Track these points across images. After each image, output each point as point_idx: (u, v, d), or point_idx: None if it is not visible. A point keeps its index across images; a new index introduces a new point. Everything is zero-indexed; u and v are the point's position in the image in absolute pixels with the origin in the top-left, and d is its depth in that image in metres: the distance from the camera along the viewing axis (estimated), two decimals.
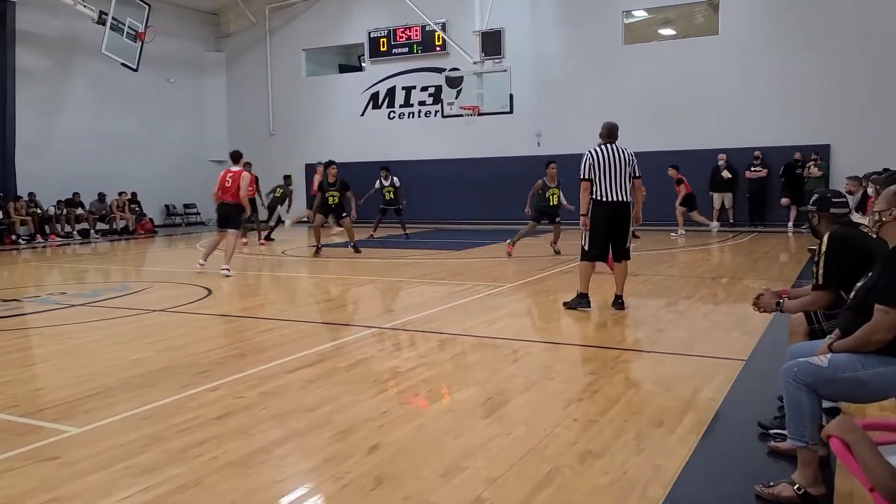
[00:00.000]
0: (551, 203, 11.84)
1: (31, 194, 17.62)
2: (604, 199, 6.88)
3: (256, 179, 13.50)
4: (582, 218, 7.03)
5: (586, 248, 7.08)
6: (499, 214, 18.18)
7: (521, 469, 3.29)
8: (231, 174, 10.52)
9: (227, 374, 5.00)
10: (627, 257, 7.13)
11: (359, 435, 3.77)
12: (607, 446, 3.56)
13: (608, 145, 6.96)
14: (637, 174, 7.03)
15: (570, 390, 4.50)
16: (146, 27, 18.07)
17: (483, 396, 4.46)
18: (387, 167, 16.29)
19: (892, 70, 15.12)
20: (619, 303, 7.08)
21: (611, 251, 7.16)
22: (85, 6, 16.78)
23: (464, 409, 4.22)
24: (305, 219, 15.95)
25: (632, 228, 7.16)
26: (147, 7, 18.17)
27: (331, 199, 12.64)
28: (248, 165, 11.78)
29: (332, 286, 9.82)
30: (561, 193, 11.99)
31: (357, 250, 12.72)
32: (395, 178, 15.93)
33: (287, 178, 16.81)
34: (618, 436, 3.72)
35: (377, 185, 16.05)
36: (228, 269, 10.23)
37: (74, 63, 19.33)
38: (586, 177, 6.92)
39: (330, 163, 13.61)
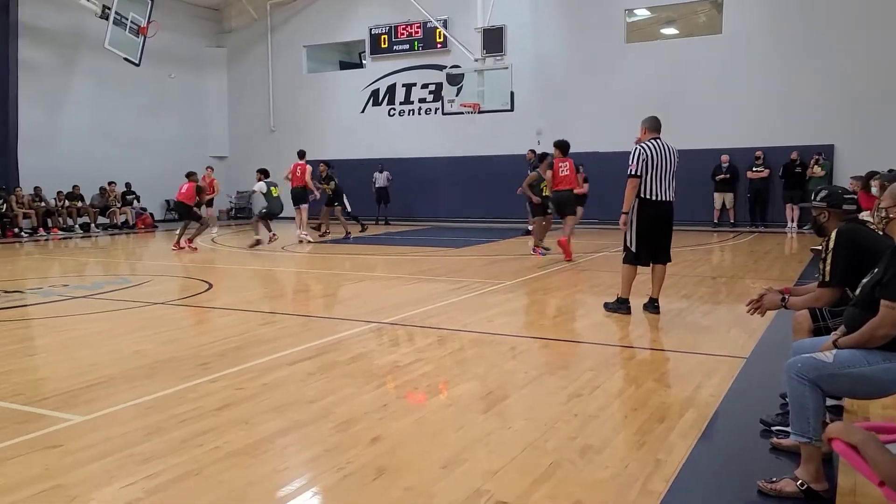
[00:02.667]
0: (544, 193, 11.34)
1: (36, 188, 17.63)
2: (652, 197, 6.50)
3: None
4: (623, 216, 6.67)
5: (633, 249, 6.64)
6: (498, 213, 18.21)
7: (522, 462, 3.30)
8: (300, 166, 14.23)
9: (227, 366, 5.01)
10: (668, 259, 6.81)
11: (360, 427, 3.77)
12: (608, 441, 3.57)
13: (658, 140, 6.58)
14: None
15: (570, 386, 4.50)
16: (149, 22, 18.09)
17: (482, 391, 4.46)
18: (328, 162, 15.52)
19: None
20: (654, 306, 6.74)
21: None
22: (88, 0, 16.77)
23: (463, 403, 4.23)
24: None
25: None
26: (150, 2, 18.18)
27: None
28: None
29: (331, 281, 9.82)
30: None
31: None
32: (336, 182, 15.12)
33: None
34: (618, 431, 3.73)
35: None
36: (306, 234, 14.10)
37: (77, 57, 19.31)
38: (637, 173, 6.47)
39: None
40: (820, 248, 3.57)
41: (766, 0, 16.42)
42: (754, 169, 16.23)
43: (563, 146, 10.66)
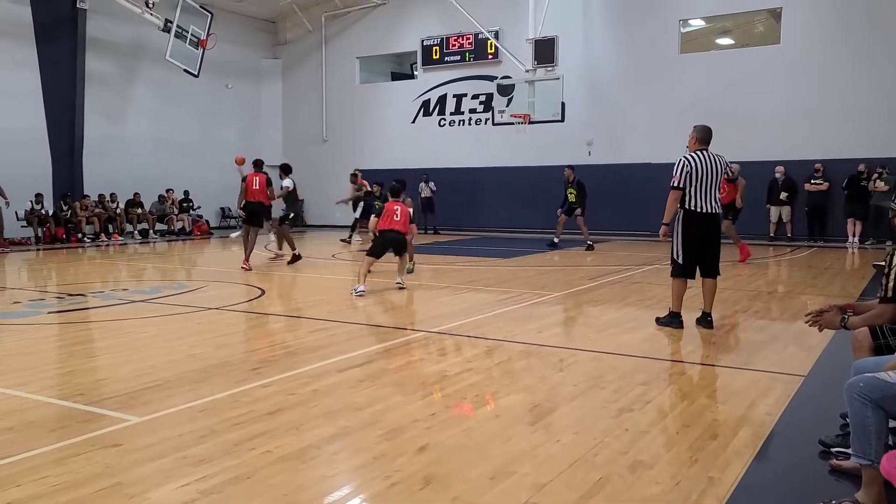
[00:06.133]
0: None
1: (101, 196, 18.36)
2: (697, 209, 6.42)
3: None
4: (663, 227, 6.65)
5: (679, 261, 6.55)
6: (547, 223, 18.05)
7: (571, 476, 3.26)
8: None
9: (279, 372, 5.11)
10: (717, 273, 6.68)
11: (408, 435, 3.80)
12: (658, 457, 3.50)
13: (704, 152, 6.49)
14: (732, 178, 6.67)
15: (621, 400, 4.43)
16: (208, 34, 18.66)
17: (530, 403, 4.44)
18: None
19: None
20: (706, 320, 6.61)
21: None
22: (152, 14, 17.42)
23: (511, 415, 4.21)
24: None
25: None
26: (209, 15, 18.77)
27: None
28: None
29: (380, 290, 9.89)
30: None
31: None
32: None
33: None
34: (670, 447, 3.66)
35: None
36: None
37: (140, 69, 20.08)
38: (680, 185, 6.41)
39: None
40: (883, 263, 3.45)
41: (827, 10, 15.96)
42: (813, 182, 15.74)
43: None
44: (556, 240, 15.29)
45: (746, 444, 3.66)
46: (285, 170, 13.26)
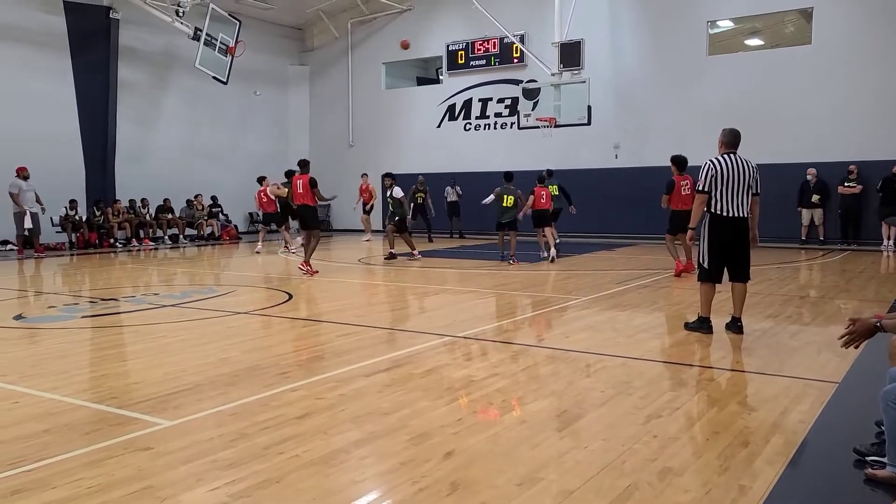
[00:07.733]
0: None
1: (132, 201, 18.71)
2: (724, 213, 6.35)
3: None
4: (690, 232, 6.63)
5: (706, 265, 6.51)
6: (574, 227, 17.99)
7: (599, 483, 3.24)
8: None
9: (307, 376, 5.15)
10: (747, 278, 6.59)
11: (434, 440, 3.80)
12: (688, 464, 3.46)
13: (731, 155, 6.41)
14: (757, 191, 6.47)
15: (649, 406, 4.39)
16: (236, 42, 18.95)
17: (558, 408, 4.42)
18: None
19: None
20: (737, 326, 6.55)
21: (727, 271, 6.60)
22: (182, 23, 17.74)
23: (538, 421, 4.19)
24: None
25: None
26: (238, 23, 19.06)
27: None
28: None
29: (406, 294, 9.94)
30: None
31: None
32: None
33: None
34: (699, 454, 3.61)
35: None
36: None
37: (170, 77, 20.44)
38: (706, 189, 6.37)
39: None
40: None
41: (860, 8, 15.67)
42: (846, 184, 15.44)
43: (679, 162, 10.92)
44: (549, 252, 14.98)
45: (779, 452, 3.60)
46: (392, 177, 14.11)
